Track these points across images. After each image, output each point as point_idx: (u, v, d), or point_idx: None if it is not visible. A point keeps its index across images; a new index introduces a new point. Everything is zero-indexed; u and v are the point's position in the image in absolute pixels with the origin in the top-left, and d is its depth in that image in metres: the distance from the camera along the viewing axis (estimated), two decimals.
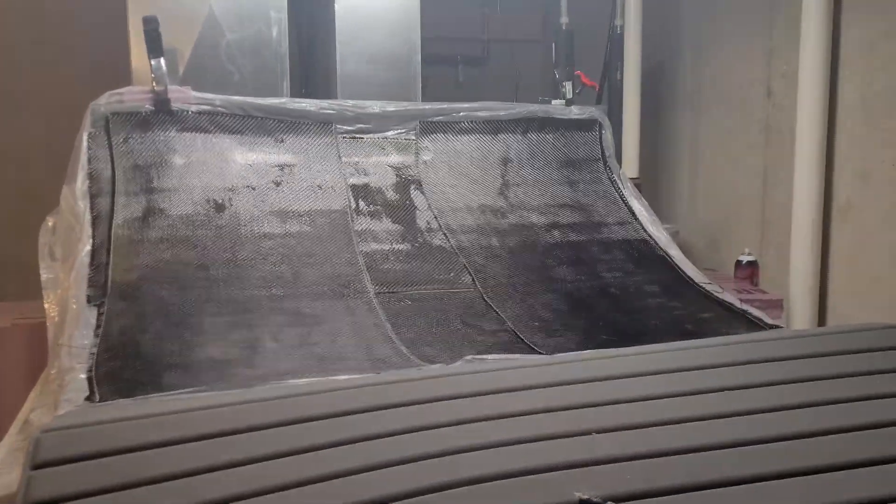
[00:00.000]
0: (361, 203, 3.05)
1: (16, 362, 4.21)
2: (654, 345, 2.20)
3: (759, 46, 4.04)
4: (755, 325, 2.64)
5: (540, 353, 2.33)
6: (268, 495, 1.38)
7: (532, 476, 1.35)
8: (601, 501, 1.29)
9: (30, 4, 4.31)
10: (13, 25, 4.29)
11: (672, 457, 1.48)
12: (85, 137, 2.85)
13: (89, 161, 2.81)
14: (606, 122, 3.49)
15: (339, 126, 3.17)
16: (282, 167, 3.04)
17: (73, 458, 1.46)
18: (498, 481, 1.34)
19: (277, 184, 2.99)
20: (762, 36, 4.02)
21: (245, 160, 3.01)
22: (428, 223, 3.05)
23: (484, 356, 2.23)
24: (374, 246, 2.91)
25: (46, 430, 1.55)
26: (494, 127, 3.36)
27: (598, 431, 1.55)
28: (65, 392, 1.99)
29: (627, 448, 1.48)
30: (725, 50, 4.35)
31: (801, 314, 3.49)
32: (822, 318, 3.57)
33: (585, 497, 1.29)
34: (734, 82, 4.27)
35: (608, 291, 2.87)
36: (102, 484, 1.39)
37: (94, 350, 2.19)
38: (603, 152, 3.45)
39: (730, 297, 2.87)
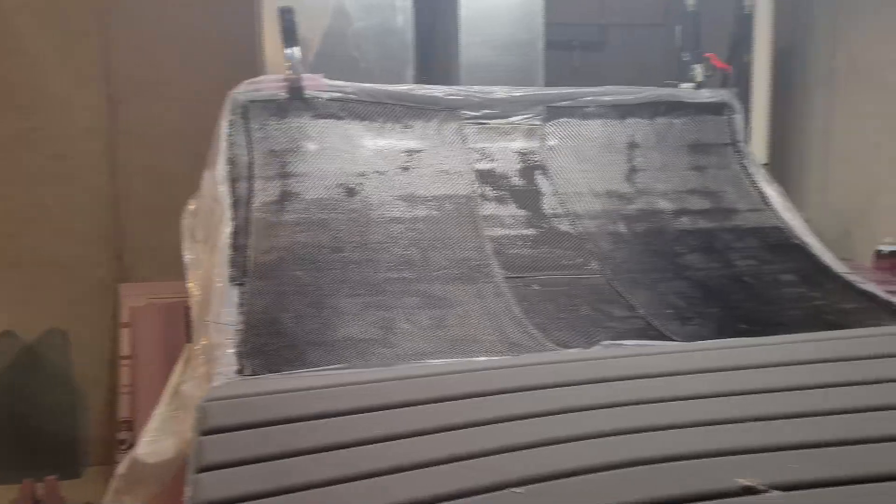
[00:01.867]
0: (487, 188, 3.06)
1: (150, 338, 4.46)
2: (799, 334, 2.12)
3: None
4: None
5: (676, 341, 2.28)
6: (420, 469, 1.42)
7: (690, 461, 1.34)
8: (765, 489, 1.26)
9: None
10: (148, 19, 4.51)
11: (834, 447, 1.43)
12: (225, 124, 2.97)
13: (229, 147, 2.93)
14: (738, 106, 3.38)
15: (465, 112, 3.18)
16: (410, 153, 3.08)
17: (236, 427, 1.54)
18: (655, 465, 1.33)
19: (405, 169, 3.03)
20: None
21: (374, 146, 3.06)
22: (554, 208, 3.03)
23: (621, 342, 2.20)
24: (501, 231, 2.92)
25: (210, 399, 1.64)
26: (621, 111, 3.31)
27: (752, 419, 1.51)
28: (216, 366, 2.08)
29: (785, 437, 1.44)
30: (864, 28, 4.12)
31: None
32: None
33: (748, 483, 1.26)
34: (873, 62, 4.04)
35: (742, 280, 2.79)
36: (265, 451, 1.46)
37: (240, 327, 2.28)
38: (734, 136, 3.35)
39: (873, 288, 2.73)
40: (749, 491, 1.27)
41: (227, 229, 2.73)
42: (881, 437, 1.51)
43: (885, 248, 3.58)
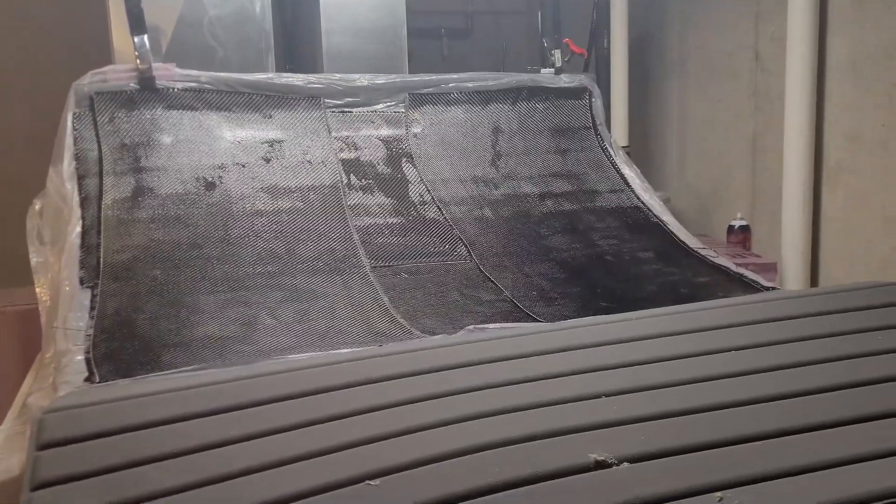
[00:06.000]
0: (353, 177, 3.02)
1: (6, 349, 4.17)
2: (654, 309, 2.19)
3: (747, 11, 4.02)
4: (751, 288, 2.65)
5: (540, 322, 2.32)
6: (273, 469, 1.37)
7: (546, 440, 1.35)
8: (616, 462, 1.29)
9: None
10: None
11: (681, 417, 1.48)
12: (69, 118, 2.81)
13: (75, 142, 2.77)
14: (596, 90, 3.46)
15: (327, 100, 3.13)
16: (271, 143, 3.00)
17: (77, 438, 1.44)
18: (511, 446, 1.34)
19: (267, 160, 2.95)
20: (749, 0, 3.99)
21: (234, 137, 2.97)
22: (421, 196, 3.03)
23: (485, 325, 2.22)
24: (368, 220, 2.89)
25: (49, 411, 1.53)
26: (484, 97, 3.34)
27: (607, 395, 1.55)
28: (63, 374, 1.96)
29: (637, 410, 1.48)
30: (712, 15, 4.32)
31: (793, 277, 3.50)
32: (814, 282, 3.58)
33: (600, 458, 1.29)
34: (722, 48, 4.25)
35: (604, 259, 2.87)
36: (108, 463, 1.37)
37: (91, 331, 2.16)
38: (594, 120, 3.43)
39: (725, 262, 2.87)
40: (600, 465, 1.30)
41: (75, 229, 2.59)
42: (726, 404, 1.57)
43: (736, 224, 3.78)
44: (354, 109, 3.16)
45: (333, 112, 3.13)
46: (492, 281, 2.65)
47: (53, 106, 3.03)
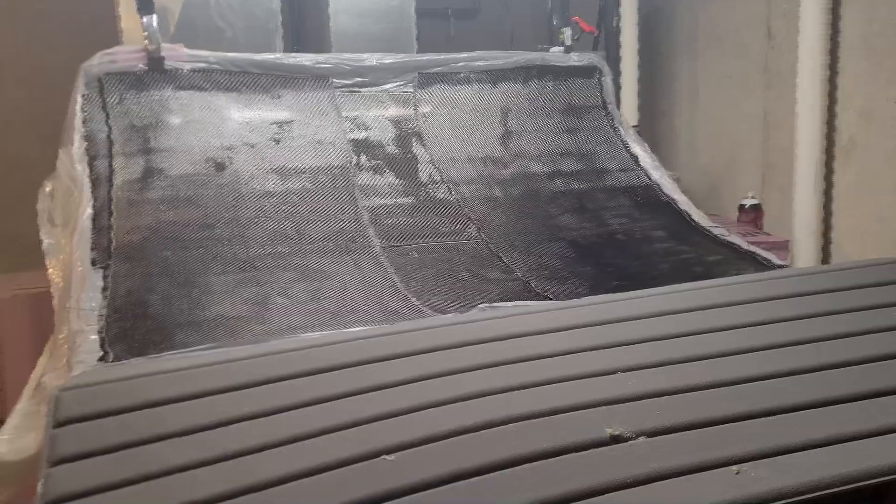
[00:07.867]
0: (362, 158, 3.01)
1: (18, 332, 4.19)
2: (667, 287, 2.18)
3: None
4: (763, 266, 2.64)
5: (551, 300, 2.31)
6: (287, 445, 1.38)
7: (562, 414, 1.35)
8: (632, 436, 1.29)
9: None
10: None
11: (696, 392, 1.48)
12: (79, 99, 2.80)
13: (85, 123, 2.77)
14: (606, 69, 3.43)
15: (336, 80, 3.11)
16: (280, 124, 2.99)
17: (93, 416, 1.45)
18: (526, 421, 1.34)
19: (276, 141, 2.95)
20: None
21: (242, 118, 2.96)
22: (430, 176, 3.02)
23: (497, 304, 2.22)
24: (378, 200, 2.88)
25: (65, 389, 1.54)
26: (493, 76, 3.31)
27: (623, 370, 1.54)
28: (77, 354, 1.97)
29: (653, 385, 1.48)
30: None
31: (805, 255, 3.49)
32: (826, 259, 3.57)
33: (616, 433, 1.29)
34: (732, 25, 4.21)
35: (615, 238, 2.86)
36: (124, 439, 1.38)
37: (104, 312, 2.17)
38: (603, 99, 3.41)
39: (736, 240, 2.86)
40: (616, 439, 1.30)
41: (86, 210, 2.59)
42: (740, 379, 1.57)
43: (747, 202, 3.76)
44: (363, 89, 3.15)
45: (342, 92, 3.12)
46: (502, 260, 2.65)
47: (60, 88, 3.02)
